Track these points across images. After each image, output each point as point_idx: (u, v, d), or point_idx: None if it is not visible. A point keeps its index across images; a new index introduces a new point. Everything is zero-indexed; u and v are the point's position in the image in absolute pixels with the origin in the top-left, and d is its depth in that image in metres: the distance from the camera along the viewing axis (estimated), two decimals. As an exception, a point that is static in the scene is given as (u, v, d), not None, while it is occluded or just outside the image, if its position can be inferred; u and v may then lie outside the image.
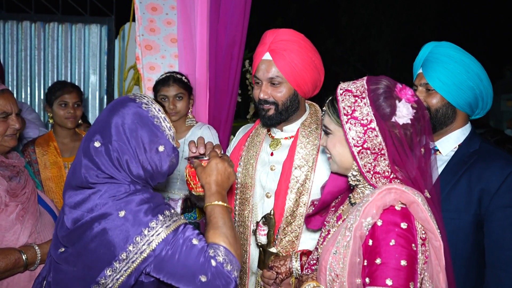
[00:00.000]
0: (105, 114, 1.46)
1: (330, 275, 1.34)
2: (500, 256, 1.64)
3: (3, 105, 1.85)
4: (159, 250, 1.33)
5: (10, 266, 1.73)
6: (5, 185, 1.81)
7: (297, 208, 1.85)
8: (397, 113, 1.33)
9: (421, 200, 1.29)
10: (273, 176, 1.92)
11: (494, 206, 1.64)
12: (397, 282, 1.21)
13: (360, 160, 1.35)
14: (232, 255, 1.38)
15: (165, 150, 1.46)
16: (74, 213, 1.40)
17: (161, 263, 1.34)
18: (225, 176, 1.53)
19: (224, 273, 1.33)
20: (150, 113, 1.45)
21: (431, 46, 1.84)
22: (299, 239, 1.87)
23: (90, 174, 1.40)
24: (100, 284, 1.34)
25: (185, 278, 1.33)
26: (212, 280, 1.32)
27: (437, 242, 1.29)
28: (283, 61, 1.83)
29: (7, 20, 4.06)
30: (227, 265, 1.34)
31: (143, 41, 3.11)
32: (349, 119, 1.34)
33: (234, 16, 2.89)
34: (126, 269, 1.33)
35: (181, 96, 2.69)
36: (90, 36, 4.17)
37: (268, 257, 1.82)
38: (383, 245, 1.25)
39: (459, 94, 1.76)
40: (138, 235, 1.33)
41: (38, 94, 4.20)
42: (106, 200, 1.37)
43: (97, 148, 1.40)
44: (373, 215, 1.28)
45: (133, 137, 1.41)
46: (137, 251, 1.33)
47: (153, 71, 3.11)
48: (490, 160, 1.70)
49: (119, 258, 1.33)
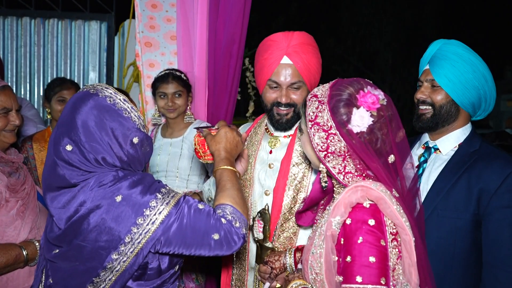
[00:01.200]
0: (68, 113, 1.40)
1: (312, 274, 1.37)
2: (498, 255, 1.64)
3: (4, 101, 1.86)
4: (165, 225, 1.34)
5: (11, 262, 1.74)
6: (5, 181, 1.81)
7: (294, 205, 1.87)
8: (351, 121, 1.33)
9: (388, 196, 1.30)
10: (272, 174, 1.93)
11: (493, 206, 1.65)
12: (367, 278, 1.23)
13: (328, 163, 1.37)
14: (240, 213, 1.43)
15: (139, 141, 1.44)
16: (66, 212, 1.38)
17: (169, 235, 1.35)
18: (233, 144, 1.65)
19: (234, 230, 1.38)
20: (117, 106, 1.41)
21: (440, 43, 1.84)
22: (297, 235, 1.88)
23: (72, 175, 1.38)
24: (107, 269, 1.35)
25: (197, 240, 1.35)
26: (224, 238, 1.36)
27: (406, 236, 1.29)
28: (303, 65, 1.85)
29: (6, 16, 4.05)
30: (236, 222, 1.40)
31: (143, 38, 3.10)
32: (313, 124, 1.36)
33: (233, 14, 2.89)
34: (132, 251, 1.34)
35: (180, 93, 2.69)
36: (90, 33, 4.16)
37: (264, 252, 1.84)
38: (352, 243, 1.26)
39: (464, 92, 1.76)
40: (140, 216, 1.33)
41: (37, 90, 4.20)
42: (97, 191, 1.36)
43: (70, 151, 1.36)
44: (341, 214, 1.30)
45: (104, 134, 1.37)
46: (141, 232, 1.33)
47: (153, 68, 3.11)
48: (490, 160, 1.70)
49: (124, 241, 1.33)
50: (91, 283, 1.37)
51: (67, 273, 1.41)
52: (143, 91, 3.18)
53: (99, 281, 1.37)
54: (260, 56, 1.93)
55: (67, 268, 1.40)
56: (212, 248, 1.36)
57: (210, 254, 1.38)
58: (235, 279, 2.02)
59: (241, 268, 2.00)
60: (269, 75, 1.88)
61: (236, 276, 2.01)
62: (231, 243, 1.37)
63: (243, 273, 1.99)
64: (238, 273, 2.01)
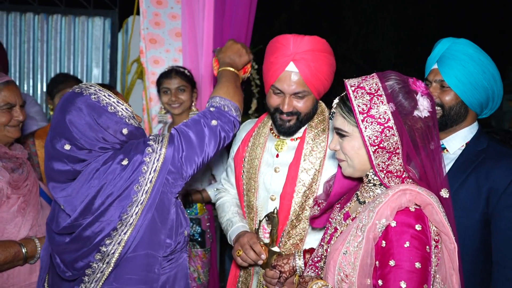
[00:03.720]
0: (58, 115, 1.46)
1: (339, 274, 1.31)
2: (508, 255, 1.63)
3: (8, 97, 1.85)
4: (167, 158, 1.46)
5: (10, 259, 1.74)
6: (7, 177, 1.81)
7: (302, 212, 1.82)
8: (419, 107, 1.30)
9: (436, 202, 1.27)
10: (278, 178, 1.88)
11: (502, 205, 1.64)
12: (411, 284, 1.19)
13: (375, 160, 1.32)
14: (228, 100, 1.65)
15: (128, 132, 1.49)
16: (76, 198, 1.43)
17: (175, 161, 1.47)
18: (237, 52, 1.93)
19: (224, 112, 1.62)
20: (102, 102, 1.46)
21: (449, 42, 1.81)
22: (304, 241, 1.84)
23: (76, 166, 1.44)
24: (123, 220, 1.41)
25: (198, 143, 1.52)
26: (218, 122, 1.58)
27: (451, 244, 1.27)
28: (310, 73, 1.75)
29: (10, 12, 4.04)
30: (224, 107, 1.63)
31: (147, 35, 3.10)
32: (365, 117, 1.29)
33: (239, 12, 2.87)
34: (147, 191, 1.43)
35: (183, 88, 2.69)
36: (94, 29, 4.14)
37: (271, 257, 1.80)
38: (397, 247, 1.22)
39: (473, 93, 1.75)
40: (141, 164, 1.44)
41: (40, 86, 4.18)
42: (99, 172, 1.44)
43: (69, 150, 1.43)
44: (387, 217, 1.25)
45: (95, 129, 1.44)
46: (148, 170, 1.43)
47: (157, 65, 3.11)
48: (498, 159, 1.69)
49: (134, 191, 1.42)
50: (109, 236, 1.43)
51: (82, 243, 1.45)
52: (147, 87, 3.17)
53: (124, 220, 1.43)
54: (267, 56, 1.84)
55: (86, 237, 1.44)
56: (215, 137, 1.55)
57: (217, 146, 1.56)
58: (241, 281, 1.99)
59: (246, 271, 1.97)
60: (273, 81, 1.79)
61: (242, 279, 1.99)
62: (226, 126, 1.59)
63: (249, 277, 1.96)
64: (244, 276, 1.98)
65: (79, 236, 1.43)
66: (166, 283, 1.52)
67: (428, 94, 1.32)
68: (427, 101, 1.31)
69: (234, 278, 2.02)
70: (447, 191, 1.34)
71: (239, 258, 1.82)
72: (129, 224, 1.41)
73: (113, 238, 1.41)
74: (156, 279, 1.48)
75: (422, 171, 1.34)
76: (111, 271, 1.43)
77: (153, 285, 1.47)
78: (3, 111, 1.84)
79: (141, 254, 1.45)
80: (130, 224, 1.41)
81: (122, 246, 1.41)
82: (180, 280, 1.57)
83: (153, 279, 1.47)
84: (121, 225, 1.41)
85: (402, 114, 1.29)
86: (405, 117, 1.29)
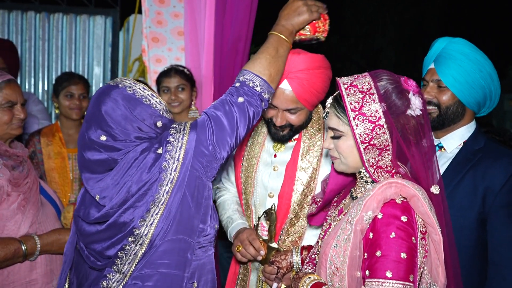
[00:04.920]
0: (94, 107, 1.48)
1: (330, 268, 1.35)
2: (504, 254, 1.64)
3: (9, 95, 1.87)
4: (191, 138, 1.45)
5: (10, 256, 1.74)
6: (8, 175, 1.82)
7: (301, 210, 1.85)
8: (411, 106, 1.33)
9: (422, 194, 1.30)
10: (276, 176, 1.91)
11: (498, 205, 1.65)
12: (397, 274, 1.22)
13: (365, 155, 1.35)
14: (252, 73, 1.53)
15: (163, 125, 1.50)
16: (115, 188, 1.44)
17: (207, 144, 1.45)
18: (295, 11, 1.67)
19: (249, 88, 1.51)
20: (137, 95, 1.48)
21: (445, 41, 1.81)
22: (302, 239, 1.87)
23: (113, 155, 1.45)
24: (155, 200, 1.42)
25: (228, 124, 1.48)
26: (245, 98, 1.50)
27: (436, 236, 1.29)
28: (303, 90, 1.77)
29: (11, 10, 4.04)
30: (249, 82, 1.52)
31: (150, 34, 3.10)
32: (357, 115, 1.32)
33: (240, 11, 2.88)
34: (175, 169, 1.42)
35: (183, 87, 2.70)
36: (95, 28, 4.15)
37: (269, 253, 1.82)
38: (383, 238, 1.25)
39: (470, 92, 1.75)
40: (167, 143, 1.44)
41: (42, 85, 4.19)
42: (132, 168, 1.44)
43: (105, 140, 1.44)
44: (373, 209, 1.29)
45: (131, 119, 1.45)
46: (174, 149, 1.43)
47: (160, 63, 3.11)
48: (495, 158, 1.70)
49: (163, 169, 1.42)
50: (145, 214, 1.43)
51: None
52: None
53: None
54: None
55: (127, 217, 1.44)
56: (244, 115, 1.49)
57: (247, 123, 1.50)
58: (240, 278, 2.01)
59: (245, 268, 1.99)
60: None
61: (241, 276, 2.01)
62: (251, 99, 1.50)
63: (247, 273, 1.98)
64: (243, 273, 2.01)
65: (114, 223, 1.43)
66: (196, 269, 1.51)
67: (419, 93, 1.36)
68: (419, 100, 1.34)
69: (234, 275, 2.05)
70: (438, 187, 1.37)
71: (239, 254, 1.85)
72: (160, 204, 1.41)
73: (146, 219, 1.41)
74: (188, 264, 1.47)
75: (414, 167, 1.37)
76: (144, 253, 1.42)
77: (186, 269, 1.47)
78: (4, 109, 1.86)
79: (173, 239, 1.44)
80: (161, 203, 1.41)
81: (154, 227, 1.41)
82: (208, 273, 1.55)
83: (185, 264, 1.46)
84: (153, 206, 1.41)
85: (395, 114, 1.32)
86: (397, 116, 1.32)
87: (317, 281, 1.39)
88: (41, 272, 1.88)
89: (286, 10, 1.66)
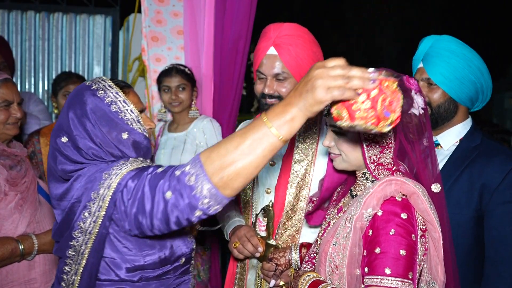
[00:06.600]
0: (65, 106, 1.38)
1: (330, 266, 1.35)
2: (500, 251, 1.64)
3: (6, 94, 1.88)
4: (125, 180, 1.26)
5: (6, 255, 1.75)
6: (5, 174, 1.83)
7: (297, 203, 1.85)
8: (414, 105, 1.33)
9: (421, 191, 1.30)
10: (273, 171, 1.92)
11: (495, 202, 1.65)
12: (396, 271, 1.21)
13: (367, 153, 1.35)
14: (206, 175, 1.10)
15: (129, 136, 1.35)
16: (62, 204, 1.37)
17: (125, 204, 1.25)
18: (306, 84, 1.03)
19: (181, 185, 1.13)
20: (106, 100, 1.34)
21: (431, 40, 1.82)
22: (300, 233, 1.87)
23: (67, 166, 1.34)
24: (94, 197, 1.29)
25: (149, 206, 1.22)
26: (173, 196, 1.16)
27: (436, 233, 1.29)
28: (289, 56, 1.80)
29: (11, 10, 4.05)
30: (189, 180, 1.12)
31: (149, 33, 3.10)
32: None
33: (240, 10, 2.88)
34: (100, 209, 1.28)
35: (184, 86, 2.70)
36: (95, 27, 4.15)
37: (267, 250, 1.83)
38: (382, 235, 1.25)
39: (461, 88, 1.76)
40: (105, 171, 1.30)
41: (41, 85, 4.19)
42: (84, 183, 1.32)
43: (65, 143, 1.34)
44: (373, 206, 1.29)
45: (92, 129, 1.32)
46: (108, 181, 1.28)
47: (159, 62, 3.11)
48: (491, 156, 1.71)
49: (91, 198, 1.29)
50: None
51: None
52: (149, 85, 3.18)
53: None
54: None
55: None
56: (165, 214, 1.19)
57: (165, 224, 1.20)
58: (238, 278, 2.02)
59: (242, 267, 2.00)
60: (257, 66, 1.86)
61: (239, 276, 2.01)
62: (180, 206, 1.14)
63: (244, 272, 1.98)
64: (240, 272, 2.01)
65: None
66: None
67: (420, 91, 1.36)
68: (421, 99, 1.35)
69: (232, 275, 2.05)
70: (439, 186, 1.37)
71: (235, 250, 1.85)
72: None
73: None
74: None
75: (415, 165, 1.37)
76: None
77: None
78: (0, 108, 1.87)
79: None
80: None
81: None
82: None
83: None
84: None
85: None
86: (401, 115, 1.31)
87: (316, 279, 1.38)
88: (40, 271, 1.89)
89: (303, 78, 1.06)
